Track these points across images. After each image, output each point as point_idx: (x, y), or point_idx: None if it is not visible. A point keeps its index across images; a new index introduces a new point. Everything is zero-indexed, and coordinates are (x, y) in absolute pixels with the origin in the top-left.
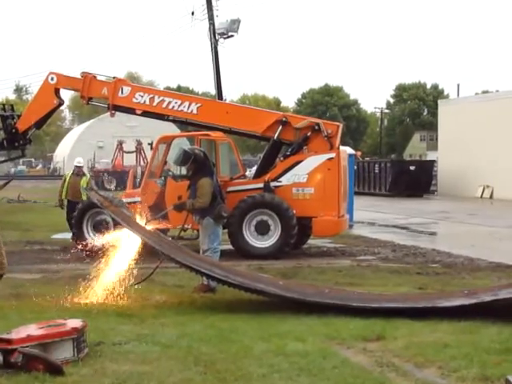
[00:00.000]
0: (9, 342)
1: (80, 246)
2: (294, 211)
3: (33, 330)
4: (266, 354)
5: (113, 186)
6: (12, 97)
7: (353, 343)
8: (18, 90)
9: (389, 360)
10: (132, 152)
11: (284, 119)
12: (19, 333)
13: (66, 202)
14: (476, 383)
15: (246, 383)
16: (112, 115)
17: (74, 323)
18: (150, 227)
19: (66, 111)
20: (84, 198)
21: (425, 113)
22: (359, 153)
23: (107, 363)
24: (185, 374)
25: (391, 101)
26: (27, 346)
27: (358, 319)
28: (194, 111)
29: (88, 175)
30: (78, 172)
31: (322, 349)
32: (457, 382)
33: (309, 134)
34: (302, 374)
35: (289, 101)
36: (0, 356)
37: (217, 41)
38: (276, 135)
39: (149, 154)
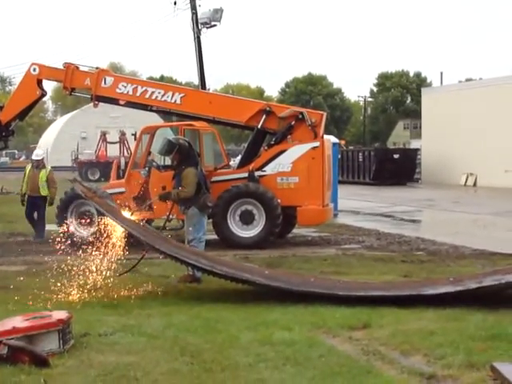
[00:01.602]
0: None
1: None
2: (279, 200)
3: (18, 322)
4: (252, 343)
5: (96, 177)
6: None
7: (339, 332)
8: (2, 81)
9: (375, 348)
10: (115, 143)
11: (268, 108)
12: (4, 325)
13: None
14: (462, 370)
15: (233, 373)
16: (95, 106)
17: (60, 315)
18: (134, 218)
19: (48, 102)
20: (43, 193)
21: (408, 101)
22: (343, 141)
23: (93, 354)
24: (171, 365)
25: (374, 89)
26: (12, 338)
27: (344, 308)
28: (178, 101)
29: (49, 167)
30: (38, 165)
31: (308, 338)
32: (443, 369)
33: (293, 123)
34: (288, 363)
35: (272, 90)
36: None
37: (199, 30)
38: (260, 124)
39: (132, 144)
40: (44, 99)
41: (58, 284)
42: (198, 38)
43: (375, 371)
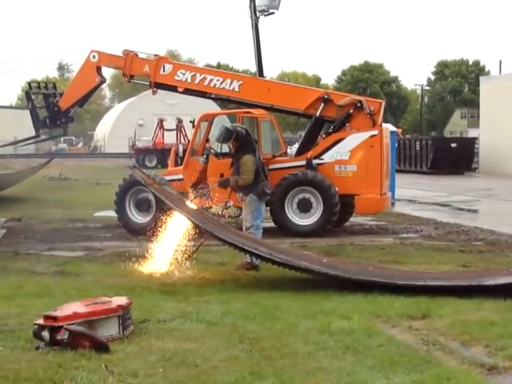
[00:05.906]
0: (55, 319)
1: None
2: (337, 189)
3: (78, 307)
4: (310, 331)
5: (153, 164)
6: (54, 74)
7: (398, 321)
8: (61, 67)
9: (435, 338)
10: (172, 130)
11: (326, 96)
12: (65, 310)
13: None
14: None
15: (292, 360)
16: (154, 93)
17: (120, 301)
18: (192, 205)
19: (106, 89)
20: None
21: (466, 90)
22: (400, 130)
23: (152, 340)
24: (230, 352)
25: (432, 78)
26: (73, 324)
27: (403, 297)
28: (236, 89)
29: None
30: None
31: (367, 327)
32: (504, 360)
33: (351, 111)
34: (347, 352)
35: (329, 78)
36: (46, 333)
37: (257, 18)
38: (318, 112)
39: (189, 131)
40: (101, 86)
41: (117, 270)
42: (256, 25)
43: (435, 361)
